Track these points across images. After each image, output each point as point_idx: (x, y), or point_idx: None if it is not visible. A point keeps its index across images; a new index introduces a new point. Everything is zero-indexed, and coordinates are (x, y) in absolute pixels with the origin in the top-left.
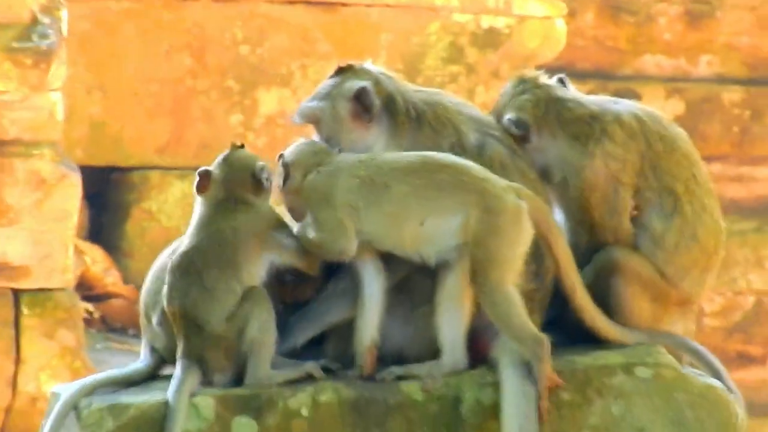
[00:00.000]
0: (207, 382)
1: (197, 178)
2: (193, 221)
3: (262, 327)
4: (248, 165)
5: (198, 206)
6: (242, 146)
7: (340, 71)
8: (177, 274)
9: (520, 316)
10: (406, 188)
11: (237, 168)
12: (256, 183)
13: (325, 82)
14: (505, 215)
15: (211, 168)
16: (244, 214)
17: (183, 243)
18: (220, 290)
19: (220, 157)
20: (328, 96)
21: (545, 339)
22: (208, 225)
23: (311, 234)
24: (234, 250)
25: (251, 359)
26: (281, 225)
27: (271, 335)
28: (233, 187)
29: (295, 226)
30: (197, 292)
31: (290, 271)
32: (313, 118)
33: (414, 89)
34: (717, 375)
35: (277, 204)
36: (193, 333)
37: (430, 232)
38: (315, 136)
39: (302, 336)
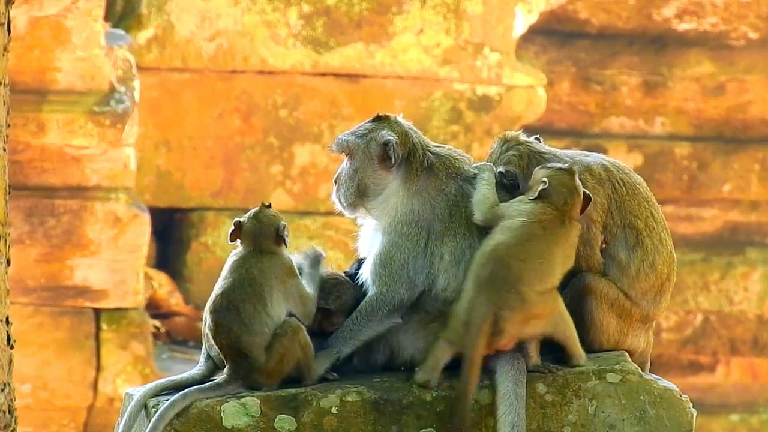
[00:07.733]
0: (255, 388)
1: (231, 228)
2: (227, 266)
3: (303, 347)
4: (273, 222)
5: (231, 255)
6: (269, 205)
7: (377, 119)
8: (219, 312)
9: None
10: None
11: (264, 223)
12: (278, 237)
13: (364, 124)
14: None
15: (242, 220)
16: (268, 260)
17: (218, 285)
18: (256, 323)
19: (250, 213)
20: (364, 136)
21: None
22: (239, 269)
23: None
24: (261, 287)
25: (305, 373)
26: (295, 274)
27: (311, 348)
28: (260, 238)
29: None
30: (238, 327)
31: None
32: (347, 150)
33: (432, 144)
34: None
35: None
36: (239, 359)
37: None
38: (344, 164)
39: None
